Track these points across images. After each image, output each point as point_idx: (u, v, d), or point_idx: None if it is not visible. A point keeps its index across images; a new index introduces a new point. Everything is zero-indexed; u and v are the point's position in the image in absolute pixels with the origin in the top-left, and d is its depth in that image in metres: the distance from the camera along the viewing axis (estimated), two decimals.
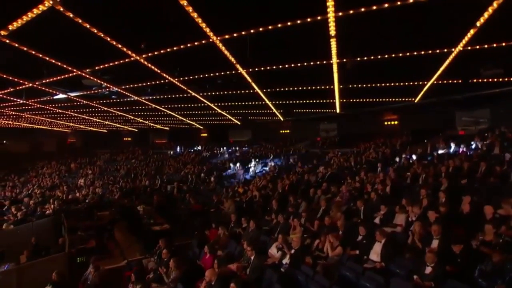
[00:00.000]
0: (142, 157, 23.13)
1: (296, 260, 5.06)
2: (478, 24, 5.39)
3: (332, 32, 5.43)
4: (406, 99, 14.22)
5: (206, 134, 28.14)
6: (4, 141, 22.59)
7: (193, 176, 14.25)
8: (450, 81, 10.59)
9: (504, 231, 4.77)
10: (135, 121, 18.22)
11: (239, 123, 22.48)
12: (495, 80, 10.35)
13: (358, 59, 6.81)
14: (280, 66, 7.34)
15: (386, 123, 21.75)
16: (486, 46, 7.00)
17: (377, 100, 14.42)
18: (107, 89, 10.21)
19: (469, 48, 7.02)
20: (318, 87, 10.79)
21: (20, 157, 22.02)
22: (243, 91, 10.82)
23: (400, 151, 14.24)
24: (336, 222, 6.65)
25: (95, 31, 5.07)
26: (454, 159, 10.21)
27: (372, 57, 6.86)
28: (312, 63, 7.09)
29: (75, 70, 7.05)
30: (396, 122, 21.65)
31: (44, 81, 8.15)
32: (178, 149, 26.30)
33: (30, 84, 8.16)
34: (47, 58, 6.11)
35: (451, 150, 12.72)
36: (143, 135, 29.21)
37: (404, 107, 17.52)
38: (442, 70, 9.04)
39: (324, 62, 7.05)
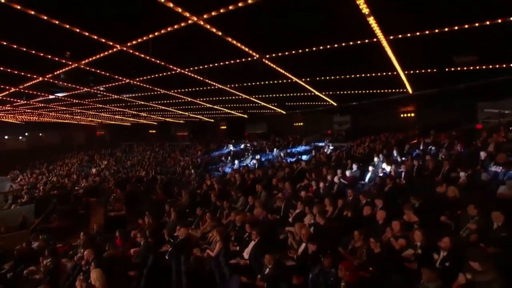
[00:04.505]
0: (157, 149, 24.95)
1: (175, 251, 5.44)
2: (366, 12, 5.00)
3: (217, 32, 5.54)
4: (397, 91, 13.19)
5: (225, 127, 28.89)
6: (40, 134, 26.54)
7: (179, 168, 15.17)
8: (429, 70, 9.69)
9: (373, 241, 4.52)
10: (141, 115, 19.78)
11: (245, 116, 22.89)
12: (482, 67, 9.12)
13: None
14: (206, 66, 7.59)
15: (402, 115, 20.36)
16: (427, 32, 6.38)
17: (366, 92, 13.55)
18: (91, 89, 11.44)
19: (408, 35, 6.45)
20: (279, 81, 10.65)
21: (53, 148, 25.69)
22: (209, 87, 11.21)
23: (391, 147, 13.36)
24: (257, 217, 6.85)
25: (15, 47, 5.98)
26: (425, 158, 9.49)
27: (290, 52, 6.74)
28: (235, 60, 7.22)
29: (35, 76, 8.25)
30: (412, 115, 20.17)
31: (25, 85, 9.59)
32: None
33: (13, 89, 9.70)
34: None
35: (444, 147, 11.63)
36: (165, 128, 31.03)
37: (420, 99, 16.23)
38: (400, 60, 8.37)
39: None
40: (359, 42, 6.24)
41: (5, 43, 5.82)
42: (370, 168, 9.48)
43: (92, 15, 5.17)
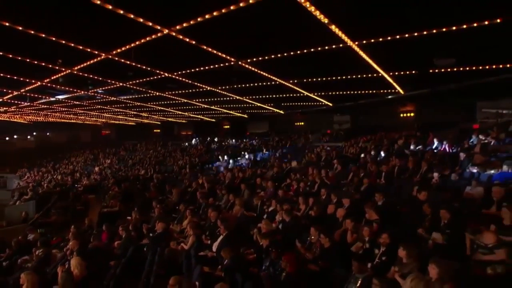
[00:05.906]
0: (160, 148, 25.64)
1: (152, 243, 5.90)
2: (326, 21, 5.31)
3: (191, 41, 5.96)
4: (388, 91, 13.36)
5: (228, 126, 29.30)
6: (48, 133, 27.71)
7: (176, 167, 15.70)
8: (408, 72, 9.88)
9: (323, 237, 4.81)
10: (142, 116, 20.45)
11: (245, 116, 23.32)
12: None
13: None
14: (193, 70, 8.08)
15: (402, 115, 20.44)
16: (398, 36, 6.60)
17: (358, 92, 13.74)
18: (90, 92, 12.07)
19: (380, 39, 6.69)
20: (267, 83, 11.00)
21: (60, 147, 26.80)
22: (200, 89, 11.67)
23: (381, 147, 13.54)
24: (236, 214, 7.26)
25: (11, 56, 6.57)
26: (408, 158, 9.69)
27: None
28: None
29: (33, 80, 8.89)
30: (412, 114, 20.23)
31: (27, 88, 10.27)
32: (193, 141, 27.94)
33: (15, 92, 10.39)
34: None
35: (433, 147, 11.80)
36: (169, 127, 31.62)
37: (419, 98, 16.34)
38: (379, 63, 8.60)
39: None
40: (334, 46, 6.51)
41: (1, 53, 6.39)
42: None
43: (73, 28, 5.66)
